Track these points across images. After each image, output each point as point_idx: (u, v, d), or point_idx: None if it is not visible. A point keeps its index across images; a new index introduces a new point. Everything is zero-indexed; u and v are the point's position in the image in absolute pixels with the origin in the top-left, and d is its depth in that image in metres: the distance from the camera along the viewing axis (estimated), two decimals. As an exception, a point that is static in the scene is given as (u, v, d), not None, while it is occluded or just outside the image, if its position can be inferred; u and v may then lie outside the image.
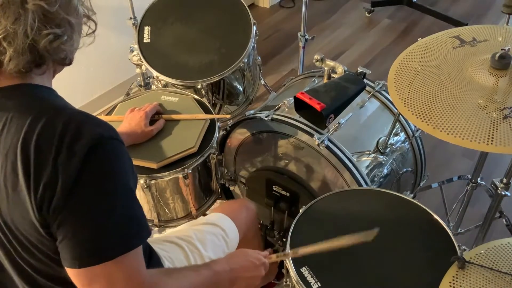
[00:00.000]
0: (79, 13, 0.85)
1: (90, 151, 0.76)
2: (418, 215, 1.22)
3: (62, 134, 0.75)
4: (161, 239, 1.26)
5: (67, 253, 0.78)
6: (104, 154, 0.78)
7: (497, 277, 0.97)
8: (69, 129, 0.76)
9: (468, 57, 1.23)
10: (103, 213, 0.78)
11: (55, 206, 0.75)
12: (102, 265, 0.77)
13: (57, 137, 0.75)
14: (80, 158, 0.75)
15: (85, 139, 0.76)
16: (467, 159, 2.27)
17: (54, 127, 0.76)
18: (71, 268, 0.79)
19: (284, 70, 2.91)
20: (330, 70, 1.61)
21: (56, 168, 0.75)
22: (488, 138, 1.02)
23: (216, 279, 0.98)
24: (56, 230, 0.78)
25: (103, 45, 2.47)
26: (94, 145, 0.76)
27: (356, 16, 3.44)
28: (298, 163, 1.56)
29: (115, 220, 0.79)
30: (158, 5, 1.92)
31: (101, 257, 0.77)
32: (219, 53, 1.81)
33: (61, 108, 0.81)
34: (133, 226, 0.81)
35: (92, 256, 0.77)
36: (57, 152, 0.75)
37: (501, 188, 1.45)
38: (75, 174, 0.75)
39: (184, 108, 1.59)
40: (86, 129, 0.77)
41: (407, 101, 1.15)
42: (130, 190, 0.82)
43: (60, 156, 0.75)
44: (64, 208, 0.75)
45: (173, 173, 1.45)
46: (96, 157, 0.76)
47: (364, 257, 1.13)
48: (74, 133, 0.76)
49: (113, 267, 0.78)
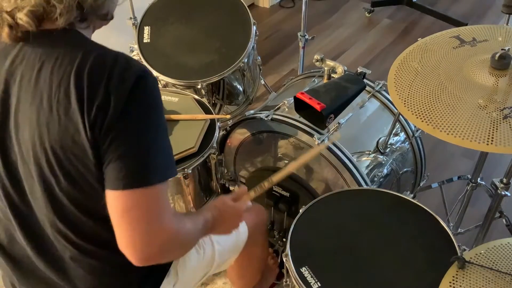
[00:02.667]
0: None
1: (137, 80, 0.83)
2: (418, 215, 1.22)
3: (113, 64, 0.83)
4: None
5: (113, 173, 0.82)
6: (149, 85, 0.85)
7: (497, 277, 0.97)
8: (118, 61, 0.84)
9: (468, 57, 1.23)
10: (148, 139, 0.84)
11: (106, 126, 0.81)
12: (144, 189, 0.82)
13: (108, 66, 0.83)
14: (130, 84, 0.82)
15: (133, 69, 0.84)
16: (467, 159, 2.27)
17: (105, 59, 0.84)
18: (114, 190, 0.82)
19: (284, 70, 2.91)
20: (330, 70, 1.61)
21: (108, 92, 0.81)
22: (488, 138, 1.02)
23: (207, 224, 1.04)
24: (106, 151, 0.82)
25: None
26: (141, 75, 0.84)
27: (356, 16, 3.44)
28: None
29: (158, 148, 0.86)
30: (158, 5, 1.92)
31: (145, 180, 0.82)
32: (219, 53, 1.81)
33: (106, 48, 0.88)
34: (170, 158, 0.89)
35: (137, 179, 0.82)
36: (109, 78, 0.82)
37: (501, 188, 1.45)
38: (125, 98, 0.81)
39: (184, 108, 1.59)
40: (133, 62, 0.86)
41: (407, 101, 1.15)
42: (166, 126, 0.89)
43: (112, 81, 0.81)
44: (114, 129, 0.81)
45: (173, 173, 1.45)
46: (142, 86, 0.84)
47: (364, 257, 1.13)
48: (124, 64, 0.84)
49: (152, 193, 0.83)
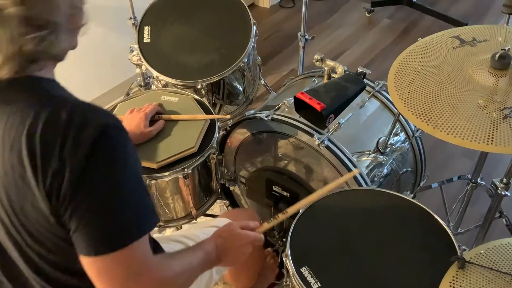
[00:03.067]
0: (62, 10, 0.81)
1: (96, 140, 0.76)
2: (418, 215, 1.22)
3: (67, 124, 0.76)
4: (168, 238, 1.28)
5: (82, 242, 0.79)
6: (110, 142, 0.79)
7: (497, 277, 0.97)
8: (74, 119, 0.76)
9: (468, 57, 1.22)
10: (113, 201, 0.79)
11: (64, 195, 0.76)
12: (116, 253, 0.79)
13: (62, 128, 0.75)
14: (86, 147, 0.75)
15: (90, 128, 0.76)
16: (467, 159, 2.27)
17: (59, 118, 0.76)
18: (87, 256, 0.80)
19: (284, 70, 2.91)
20: (330, 70, 1.61)
21: (63, 158, 0.75)
22: (488, 138, 1.02)
23: (208, 258, 1.02)
24: (69, 219, 0.78)
25: (103, 45, 2.47)
26: (100, 133, 0.77)
27: (356, 16, 3.44)
28: (298, 163, 1.56)
29: (126, 208, 0.80)
30: (158, 5, 1.92)
31: (115, 244, 0.79)
32: (219, 53, 1.81)
33: (64, 99, 0.81)
34: (143, 212, 0.83)
35: (107, 244, 0.78)
36: (63, 142, 0.75)
37: (501, 188, 1.45)
38: (83, 163, 0.75)
39: (184, 108, 1.58)
40: (90, 118, 0.78)
41: (407, 101, 1.15)
42: (138, 177, 0.83)
43: (66, 146, 0.75)
44: (74, 197, 0.76)
45: (173, 173, 1.45)
46: (102, 145, 0.77)
47: (364, 257, 1.13)
48: (80, 122, 0.76)
49: (127, 254, 0.80)
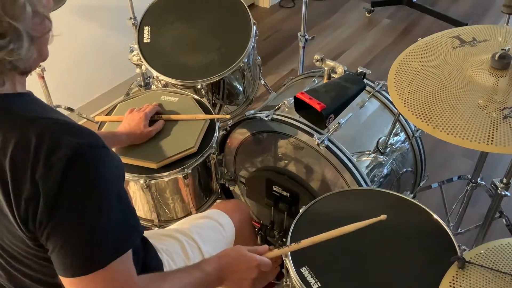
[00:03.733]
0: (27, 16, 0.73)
1: (68, 163, 0.72)
2: (418, 215, 1.21)
3: (37, 148, 0.71)
4: (160, 233, 1.27)
5: (59, 263, 0.77)
6: (84, 164, 0.74)
7: (497, 277, 0.97)
8: (43, 142, 0.71)
9: (468, 57, 1.22)
10: (90, 222, 0.76)
11: (40, 220, 0.73)
12: (94, 274, 0.76)
13: (32, 152, 0.71)
14: (59, 170, 0.71)
15: (62, 150, 0.72)
16: (467, 159, 2.27)
17: (28, 142, 0.71)
18: (64, 277, 0.78)
19: (284, 70, 2.91)
20: (330, 70, 1.61)
21: (35, 183, 0.71)
22: (488, 138, 1.02)
23: (207, 279, 0.97)
24: (46, 242, 0.77)
25: (103, 45, 2.47)
26: (72, 155, 0.72)
27: (356, 16, 3.44)
28: (298, 163, 1.56)
29: (103, 229, 0.77)
30: (158, 5, 1.92)
31: (93, 266, 0.76)
32: (219, 53, 1.81)
33: (33, 119, 0.75)
34: (122, 231, 0.80)
35: (84, 265, 0.76)
36: (34, 167, 0.71)
37: (501, 188, 1.45)
38: (56, 187, 0.72)
39: (184, 108, 1.58)
40: (62, 139, 0.73)
41: (407, 101, 1.15)
42: (117, 195, 0.79)
43: (37, 171, 0.71)
44: (49, 221, 0.73)
45: (173, 173, 1.45)
46: (75, 168, 0.73)
47: (364, 257, 1.13)
48: (50, 145, 0.71)
49: (106, 275, 0.77)
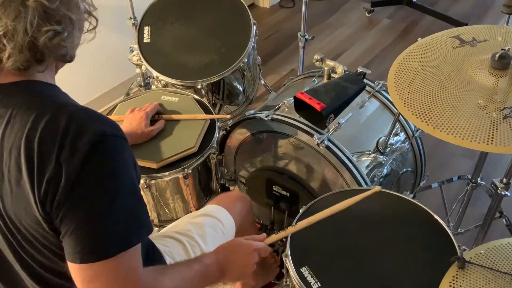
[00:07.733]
0: (80, 9, 0.84)
1: (92, 148, 0.76)
2: (418, 215, 1.21)
3: (65, 131, 0.76)
4: (161, 235, 1.27)
5: (69, 248, 0.79)
6: (106, 151, 0.78)
7: (497, 277, 0.97)
8: (71, 126, 0.76)
9: (468, 57, 1.22)
10: (103, 210, 0.78)
11: (58, 201, 0.76)
12: (102, 262, 0.78)
13: (60, 133, 0.76)
14: (82, 154, 0.75)
15: (87, 135, 0.76)
16: (467, 159, 2.27)
17: (57, 124, 0.76)
18: (73, 263, 0.79)
19: (284, 70, 2.91)
20: (330, 70, 1.62)
21: (59, 164, 0.75)
22: (488, 138, 1.02)
23: (206, 271, 0.99)
24: (59, 224, 0.78)
25: (103, 45, 2.47)
26: (97, 142, 0.76)
27: (356, 16, 3.44)
28: (298, 163, 1.56)
29: (115, 218, 0.79)
30: (158, 5, 1.92)
31: (102, 254, 0.78)
32: (219, 53, 1.81)
33: (64, 104, 0.80)
34: (133, 224, 0.82)
35: (93, 252, 0.78)
36: (60, 149, 0.75)
37: (501, 188, 1.45)
38: (77, 170, 0.75)
39: (184, 108, 1.59)
40: (88, 125, 0.77)
41: (407, 101, 1.15)
42: (132, 188, 0.82)
43: (63, 152, 0.75)
44: (66, 203, 0.76)
45: (173, 173, 1.45)
46: (98, 154, 0.77)
47: (364, 257, 1.13)
48: (77, 129, 0.76)
49: (113, 265, 0.79)
